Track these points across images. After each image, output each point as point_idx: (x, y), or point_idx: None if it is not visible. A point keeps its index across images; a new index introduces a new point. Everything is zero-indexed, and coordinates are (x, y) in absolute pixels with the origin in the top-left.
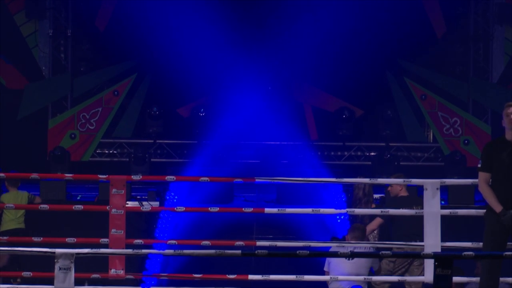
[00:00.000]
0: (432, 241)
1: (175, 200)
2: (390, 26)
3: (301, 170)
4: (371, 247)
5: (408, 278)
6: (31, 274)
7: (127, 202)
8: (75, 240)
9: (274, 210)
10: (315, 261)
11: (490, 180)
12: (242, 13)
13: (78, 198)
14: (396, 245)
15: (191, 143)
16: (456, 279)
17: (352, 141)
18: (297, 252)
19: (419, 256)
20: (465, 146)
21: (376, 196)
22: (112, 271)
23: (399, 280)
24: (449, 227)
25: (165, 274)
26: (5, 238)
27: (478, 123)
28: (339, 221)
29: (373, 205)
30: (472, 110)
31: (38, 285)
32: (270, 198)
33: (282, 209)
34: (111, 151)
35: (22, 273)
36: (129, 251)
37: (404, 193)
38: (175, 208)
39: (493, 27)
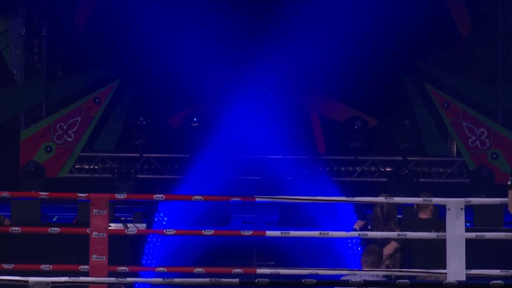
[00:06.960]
0: (455, 268)
1: (164, 222)
2: (408, 24)
3: (307, 188)
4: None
5: None
6: None
7: (110, 224)
8: (51, 267)
9: (276, 233)
10: None
11: None
12: (239, 11)
13: (54, 219)
14: (415, 272)
15: (182, 157)
16: None
17: (365, 155)
18: (303, 280)
19: (441, 285)
20: (493, 160)
21: None
22: None
23: None
24: (475, 253)
25: None
26: None
27: (508, 134)
28: (350, 245)
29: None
30: (501, 120)
31: None
32: (271, 219)
33: (286, 232)
34: (91, 166)
35: None
36: (112, 279)
37: (423, 215)
38: (165, 231)
39: None
